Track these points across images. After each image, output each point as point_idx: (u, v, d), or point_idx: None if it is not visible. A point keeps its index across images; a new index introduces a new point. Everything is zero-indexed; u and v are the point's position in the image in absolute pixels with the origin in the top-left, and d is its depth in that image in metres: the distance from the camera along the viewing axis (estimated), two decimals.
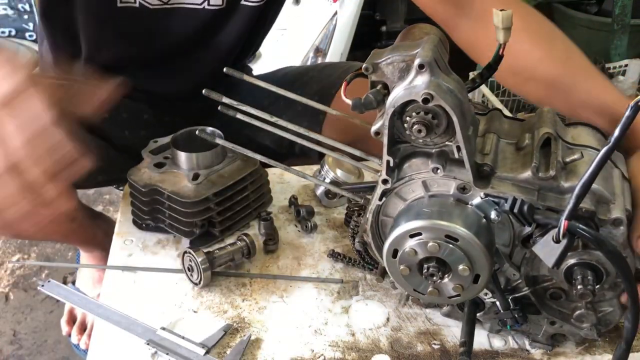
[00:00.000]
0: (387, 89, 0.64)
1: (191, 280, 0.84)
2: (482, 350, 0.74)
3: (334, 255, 0.89)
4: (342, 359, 0.73)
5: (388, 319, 0.79)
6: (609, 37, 2.37)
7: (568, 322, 0.71)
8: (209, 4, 1.03)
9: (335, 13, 1.89)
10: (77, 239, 1.31)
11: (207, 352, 0.73)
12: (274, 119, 0.78)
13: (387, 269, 0.68)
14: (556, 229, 0.58)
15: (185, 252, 0.83)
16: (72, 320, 1.30)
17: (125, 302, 0.81)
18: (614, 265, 0.60)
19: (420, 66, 0.60)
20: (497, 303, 0.71)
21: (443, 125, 0.62)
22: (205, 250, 0.83)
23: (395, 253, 0.66)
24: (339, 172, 0.98)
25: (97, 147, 1.07)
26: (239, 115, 0.77)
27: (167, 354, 0.72)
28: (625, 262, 0.59)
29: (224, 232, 0.93)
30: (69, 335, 1.28)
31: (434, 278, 0.65)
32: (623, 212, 0.62)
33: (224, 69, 0.80)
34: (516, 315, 0.71)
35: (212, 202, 0.89)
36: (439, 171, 0.65)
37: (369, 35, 2.37)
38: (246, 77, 0.80)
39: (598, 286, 0.64)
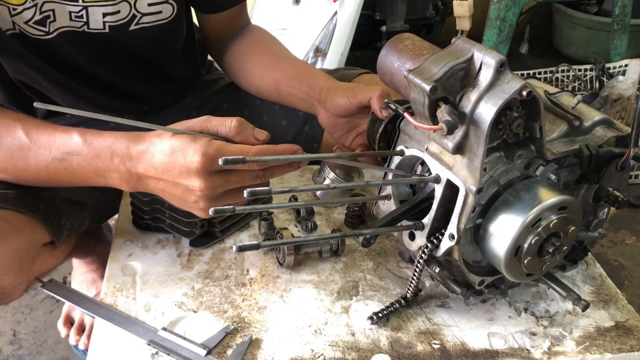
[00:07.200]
0: (447, 103, 0.64)
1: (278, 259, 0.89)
2: (482, 350, 0.74)
3: (377, 317, 0.79)
4: (342, 359, 0.73)
5: (388, 319, 0.79)
6: (609, 37, 2.37)
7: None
8: (88, 28, 0.93)
9: (335, 13, 1.89)
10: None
11: (208, 353, 0.73)
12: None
13: (504, 270, 0.69)
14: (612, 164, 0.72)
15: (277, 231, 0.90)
16: (69, 321, 1.30)
17: (126, 302, 0.82)
18: None
19: (502, 65, 0.61)
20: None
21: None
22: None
23: (517, 251, 0.67)
24: (339, 173, 0.98)
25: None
26: None
27: (169, 354, 0.72)
28: None
29: (224, 232, 0.93)
30: (67, 336, 1.28)
31: (556, 251, 0.68)
32: None
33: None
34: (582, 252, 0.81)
35: None
36: (522, 157, 0.68)
37: (369, 35, 2.36)
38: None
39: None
